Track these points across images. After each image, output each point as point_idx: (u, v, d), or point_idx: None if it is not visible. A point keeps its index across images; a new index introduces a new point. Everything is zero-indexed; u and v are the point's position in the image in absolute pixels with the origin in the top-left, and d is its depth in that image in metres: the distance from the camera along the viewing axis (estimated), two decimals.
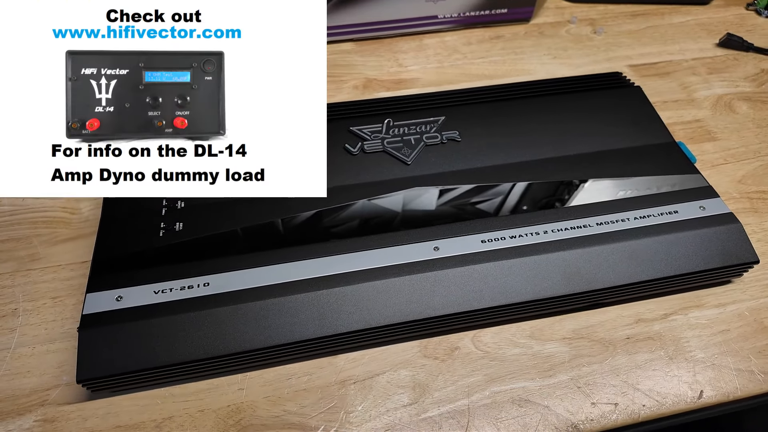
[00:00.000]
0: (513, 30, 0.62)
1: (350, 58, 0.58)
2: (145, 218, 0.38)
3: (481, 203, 0.40)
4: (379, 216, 0.39)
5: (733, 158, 0.49)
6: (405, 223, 0.38)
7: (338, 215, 0.39)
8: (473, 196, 0.41)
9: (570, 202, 0.40)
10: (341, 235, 0.37)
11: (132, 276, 0.35)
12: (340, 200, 0.40)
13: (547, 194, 0.41)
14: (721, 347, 0.37)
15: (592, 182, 0.41)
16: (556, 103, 0.47)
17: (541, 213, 0.39)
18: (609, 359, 0.36)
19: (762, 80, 0.57)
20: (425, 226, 0.38)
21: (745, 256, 0.38)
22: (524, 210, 0.39)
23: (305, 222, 0.38)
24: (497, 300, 0.36)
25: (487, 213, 0.39)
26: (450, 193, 0.41)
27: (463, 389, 0.35)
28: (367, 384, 0.35)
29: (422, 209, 0.40)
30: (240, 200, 0.39)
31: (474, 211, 0.39)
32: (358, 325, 0.34)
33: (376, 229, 0.38)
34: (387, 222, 0.38)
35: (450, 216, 0.39)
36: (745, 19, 0.65)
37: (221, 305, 0.34)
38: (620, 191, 0.41)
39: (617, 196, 0.41)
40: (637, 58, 0.60)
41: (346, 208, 0.39)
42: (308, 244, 0.37)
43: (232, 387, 0.34)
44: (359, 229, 0.38)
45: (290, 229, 0.38)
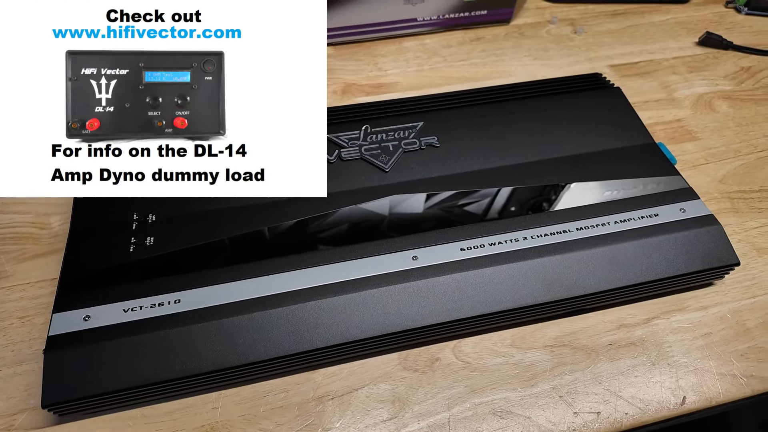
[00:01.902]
0: (493, 31, 0.62)
1: (329, 62, 0.58)
2: (115, 233, 0.37)
3: (459, 210, 0.39)
4: (355, 226, 0.38)
5: (714, 158, 0.49)
6: (382, 233, 0.38)
7: (313, 226, 0.38)
8: (452, 203, 0.40)
9: (550, 207, 0.39)
10: (316, 246, 0.37)
11: (101, 294, 0.34)
12: (316, 210, 0.39)
13: (527, 199, 0.40)
14: (703, 351, 0.37)
15: (571, 186, 0.41)
16: (536, 106, 0.47)
17: (520, 219, 0.39)
18: (591, 366, 0.36)
19: (741, 78, 0.57)
20: (403, 234, 0.38)
21: (726, 258, 0.38)
22: (503, 216, 0.39)
23: (279, 234, 0.37)
24: (477, 310, 0.35)
25: (466, 220, 0.39)
26: (428, 201, 0.40)
27: (444, 402, 0.34)
28: (346, 399, 0.34)
29: (400, 218, 0.39)
30: (213, 213, 0.38)
31: (453, 218, 0.39)
32: (335, 340, 0.33)
33: (352, 239, 0.37)
34: (364, 232, 0.38)
35: (428, 224, 0.38)
36: (725, 17, 0.65)
37: (193, 323, 0.33)
38: (600, 195, 0.41)
39: (597, 200, 0.40)
40: (617, 58, 0.59)
41: (322, 219, 0.38)
42: (282, 257, 0.36)
43: (207, 406, 0.33)
44: (335, 239, 0.37)
45: (263, 241, 0.37)
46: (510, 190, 0.41)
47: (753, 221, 0.44)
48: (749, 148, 0.50)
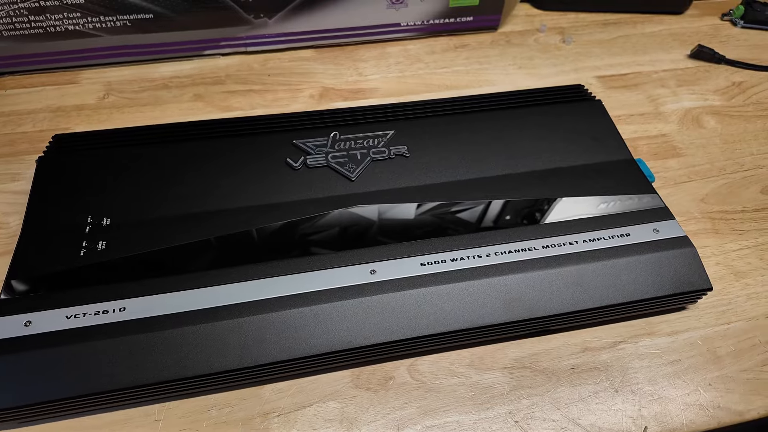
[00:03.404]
0: (479, 38, 0.61)
1: (309, 65, 0.57)
2: (67, 236, 0.36)
3: (422, 223, 0.38)
4: (313, 236, 0.37)
5: (698, 175, 0.48)
6: (341, 244, 0.37)
7: (269, 235, 0.37)
8: (415, 215, 0.39)
9: (516, 223, 0.38)
10: (270, 257, 0.35)
11: (45, 299, 0.33)
12: (275, 219, 0.38)
13: (493, 214, 0.39)
14: (670, 379, 0.35)
15: (541, 202, 0.40)
16: (513, 117, 0.46)
17: (485, 234, 0.37)
18: (551, 391, 0.34)
19: (732, 94, 0.55)
20: (362, 247, 0.36)
21: (698, 282, 0.36)
22: (467, 231, 0.38)
23: (233, 243, 0.36)
24: (433, 328, 0.34)
25: (429, 233, 0.37)
26: (391, 212, 0.39)
27: (394, 423, 0.33)
28: (292, 417, 0.33)
29: (360, 229, 0.38)
30: (167, 219, 0.37)
31: (415, 231, 0.37)
32: (282, 356, 0.32)
33: (308, 250, 0.36)
34: (321, 243, 0.37)
35: (390, 236, 0.37)
36: (720, 30, 0.63)
37: (136, 332, 0.32)
38: (570, 211, 0.39)
39: (566, 217, 0.39)
40: (605, 69, 0.58)
41: (279, 228, 0.37)
42: (234, 267, 0.35)
43: (149, 418, 0.32)
44: (290, 250, 0.36)
45: (216, 250, 0.36)
46: (476, 204, 0.39)
47: (733, 243, 0.43)
48: (735, 167, 0.48)
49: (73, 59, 0.53)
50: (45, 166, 0.40)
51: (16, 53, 0.51)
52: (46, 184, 0.39)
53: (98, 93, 0.52)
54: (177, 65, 0.55)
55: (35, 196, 0.38)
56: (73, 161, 0.40)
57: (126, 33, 0.52)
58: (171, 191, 0.39)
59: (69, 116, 0.50)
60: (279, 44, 0.57)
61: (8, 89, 0.52)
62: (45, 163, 0.40)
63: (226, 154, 0.41)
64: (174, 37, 0.54)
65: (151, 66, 0.55)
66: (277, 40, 0.56)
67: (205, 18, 0.53)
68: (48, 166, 0.40)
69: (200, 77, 0.54)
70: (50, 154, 0.41)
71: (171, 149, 0.42)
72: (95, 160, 0.40)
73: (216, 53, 0.56)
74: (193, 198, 0.39)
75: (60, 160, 0.40)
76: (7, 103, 0.51)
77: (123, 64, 0.55)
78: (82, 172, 0.40)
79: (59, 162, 0.40)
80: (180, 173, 0.40)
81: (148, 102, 0.52)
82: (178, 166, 0.40)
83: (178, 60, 0.56)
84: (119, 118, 0.50)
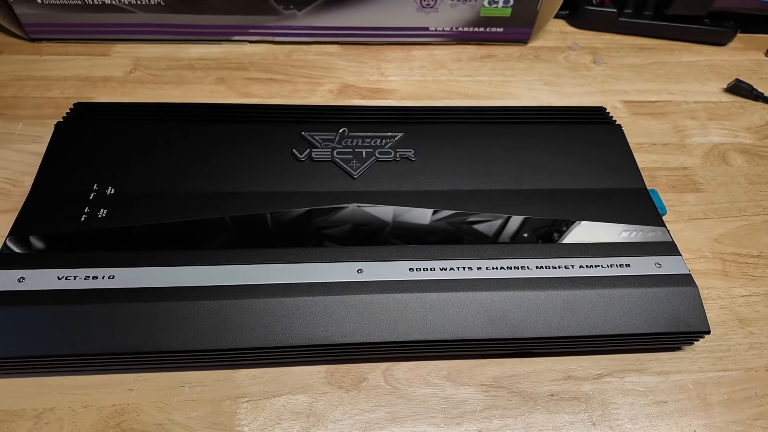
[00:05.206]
0: (508, 50, 0.60)
1: (333, 60, 0.57)
2: (72, 200, 0.37)
3: (417, 228, 0.38)
4: (307, 229, 0.37)
5: (715, 214, 0.46)
6: (332, 239, 0.36)
7: (266, 223, 0.37)
8: (411, 220, 0.38)
9: (512, 240, 0.37)
10: (260, 244, 0.36)
11: (41, 258, 0.34)
12: (273, 207, 0.38)
13: (491, 229, 0.38)
14: (653, 420, 0.34)
15: (542, 221, 0.39)
16: (527, 133, 0.45)
17: (478, 247, 0.37)
18: (526, 415, 0.33)
19: (765, 133, 0.53)
20: (353, 245, 0.36)
21: (696, 324, 0.35)
22: (461, 242, 0.37)
23: (230, 226, 0.37)
24: (412, 335, 0.33)
25: (421, 240, 0.37)
26: (387, 214, 0.38)
27: (361, 425, 0.32)
28: (260, 405, 0.33)
29: (354, 227, 0.38)
30: (171, 195, 0.38)
31: (408, 236, 0.37)
32: (257, 343, 0.32)
33: (300, 242, 0.36)
34: (313, 236, 0.37)
35: (382, 238, 0.37)
36: (763, 66, 0.61)
37: (121, 301, 0.32)
38: (571, 235, 0.38)
39: (566, 240, 0.38)
40: (634, 94, 0.56)
41: (276, 217, 0.38)
42: (225, 250, 0.35)
43: (123, 386, 0.33)
44: (283, 240, 0.36)
45: (213, 231, 0.36)
46: (474, 216, 0.39)
47: (742, 288, 0.41)
48: (756, 209, 0.46)
49: (107, 32, 0.55)
50: (62, 131, 0.41)
51: (55, 21, 0.54)
52: (60, 149, 0.40)
53: (126, 67, 0.54)
54: (205, 48, 0.57)
55: (48, 159, 0.39)
56: (89, 129, 0.42)
57: (160, 12, 0.54)
58: (175, 168, 0.40)
59: (96, 86, 0.52)
60: (306, 37, 0.57)
61: (44, 55, 0.54)
62: (62, 128, 0.42)
63: (234, 138, 0.42)
64: (205, 20, 0.55)
65: (181, 46, 0.56)
66: (304, 32, 0.57)
67: (236, 4, 0.54)
68: (65, 132, 0.41)
69: (226, 61, 0.55)
70: (69, 120, 0.42)
71: (183, 128, 0.42)
72: (110, 130, 0.42)
73: (244, 40, 0.57)
74: (194, 177, 0.39)
75: (77, 126, 0.42)
76: (41, 68, 0.53)
77: (154, 42, 0.56)
78: (96, 140, 0.41)
79: (76, 128, 0.42)
80: (187, 152, 0.41)
81: (171, 80, 0.53)
82: (187, 145, 0.41)
83: (207, 43, 0.57)
84: (142, 92, 0.51)
